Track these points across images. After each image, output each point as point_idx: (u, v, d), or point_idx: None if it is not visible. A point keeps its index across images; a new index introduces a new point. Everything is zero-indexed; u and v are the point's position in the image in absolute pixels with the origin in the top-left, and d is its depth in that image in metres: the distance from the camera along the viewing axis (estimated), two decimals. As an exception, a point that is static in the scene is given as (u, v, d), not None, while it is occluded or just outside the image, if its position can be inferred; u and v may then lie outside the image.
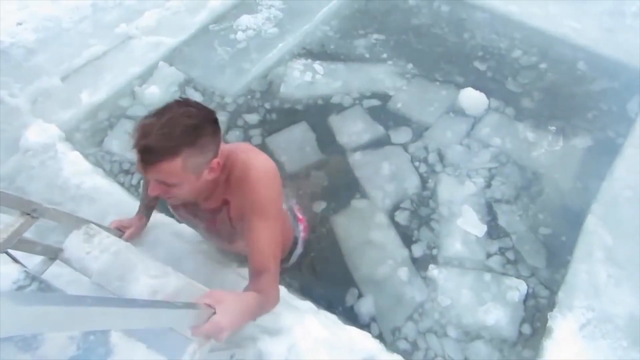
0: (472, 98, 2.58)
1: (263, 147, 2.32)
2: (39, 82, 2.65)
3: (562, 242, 2.04)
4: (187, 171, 1.15)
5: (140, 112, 2.52)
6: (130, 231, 1.66)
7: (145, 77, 2.69)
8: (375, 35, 2.97)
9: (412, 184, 2.27)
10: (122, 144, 2.40)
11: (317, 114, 2.56)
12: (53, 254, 1.35)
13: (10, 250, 1.24)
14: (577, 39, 2.82)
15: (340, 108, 2.58)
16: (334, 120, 2.52)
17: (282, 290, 1.51)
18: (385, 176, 2.30)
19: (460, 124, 2.51)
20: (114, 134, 2.45)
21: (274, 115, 2.55)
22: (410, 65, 2.78)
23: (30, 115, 2.48)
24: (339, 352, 1.49)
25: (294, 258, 1.85)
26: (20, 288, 1.13)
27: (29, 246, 1.29)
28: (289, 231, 1.75)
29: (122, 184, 2.23)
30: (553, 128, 2.47)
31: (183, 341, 1.00)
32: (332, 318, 1.67)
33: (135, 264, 1.30)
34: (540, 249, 2.03)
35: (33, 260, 1.33)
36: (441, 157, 2.38)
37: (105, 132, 2.47)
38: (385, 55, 2.85)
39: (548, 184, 2.24)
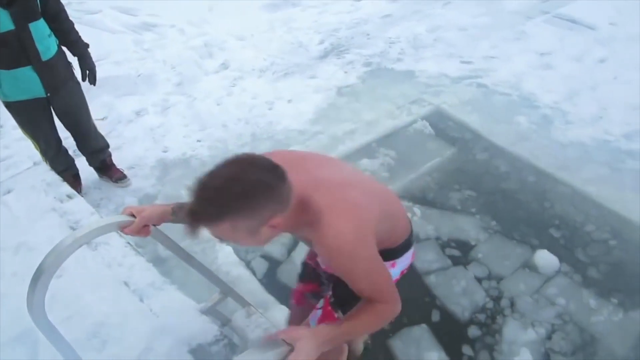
0: (546, 259, 3.04)
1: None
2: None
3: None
4: (237, 232, 1.14)
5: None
6: (144, 214, 1.44)
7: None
8: (468, 192, 3.60)
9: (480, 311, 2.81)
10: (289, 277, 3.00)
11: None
12: (226, 322, 2.04)
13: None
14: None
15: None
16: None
17: None
18: (459, 294, 2.86)
19: (532, 280, 2.97)
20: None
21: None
22: (493, 222, 3.34)
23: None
24: None
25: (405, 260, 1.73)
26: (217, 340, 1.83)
27: (217, 315, 2.01)
28: (403, 223, 1.67)
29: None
30: (615, 300, 2.82)
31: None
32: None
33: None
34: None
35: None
36: (512, 304, 2.83)
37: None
38: (474, 210, 3.45)
39: (602, 349, 2.59)
